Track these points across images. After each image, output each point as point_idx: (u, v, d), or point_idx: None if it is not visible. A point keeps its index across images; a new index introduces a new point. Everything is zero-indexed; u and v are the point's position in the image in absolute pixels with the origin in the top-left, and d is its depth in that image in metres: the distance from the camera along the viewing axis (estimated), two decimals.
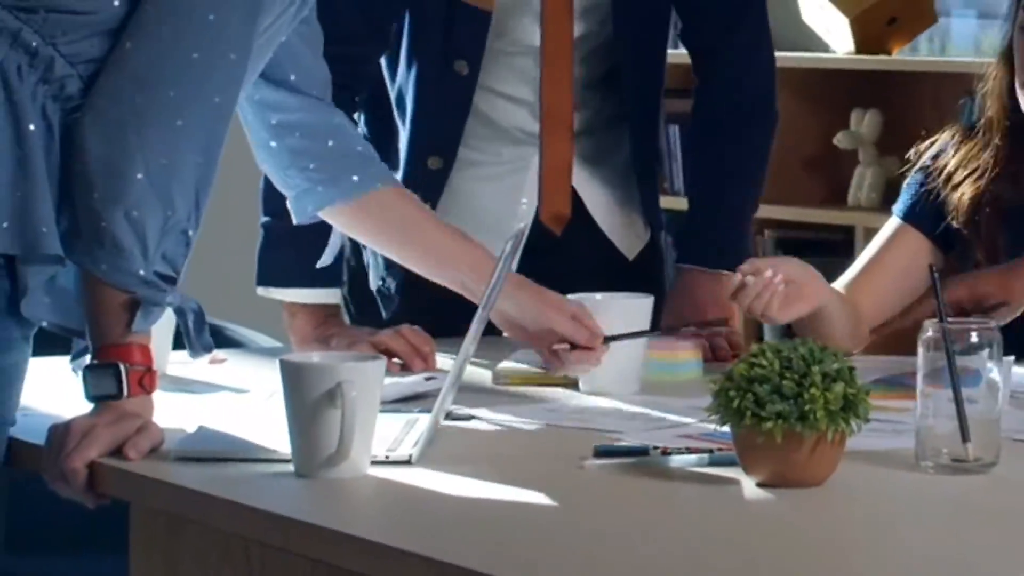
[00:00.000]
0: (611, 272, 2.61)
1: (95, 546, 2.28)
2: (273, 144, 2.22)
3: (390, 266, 2.62)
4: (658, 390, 2.33)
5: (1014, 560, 1.56)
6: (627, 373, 2.32)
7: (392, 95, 2.59)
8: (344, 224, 2.36)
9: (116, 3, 1.96)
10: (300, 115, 2.23)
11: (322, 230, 2.43)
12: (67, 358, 2.12)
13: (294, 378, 1.83)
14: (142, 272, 1.93)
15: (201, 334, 2.03)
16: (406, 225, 2.34)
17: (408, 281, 2.58)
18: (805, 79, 2.60)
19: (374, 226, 2.35)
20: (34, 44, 1.97)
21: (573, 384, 2.36)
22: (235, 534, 1.82)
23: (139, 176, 1.92)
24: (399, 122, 2.58)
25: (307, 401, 1.81)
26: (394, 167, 2.50)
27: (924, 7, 4.52)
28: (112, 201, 1.93)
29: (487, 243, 2.39)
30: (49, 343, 2.11)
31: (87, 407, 1.96)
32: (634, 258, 2.65)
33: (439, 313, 2.46)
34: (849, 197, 4.51)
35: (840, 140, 4.49)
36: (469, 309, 2.47)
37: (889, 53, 4.51)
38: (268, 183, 2.41)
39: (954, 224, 2.55)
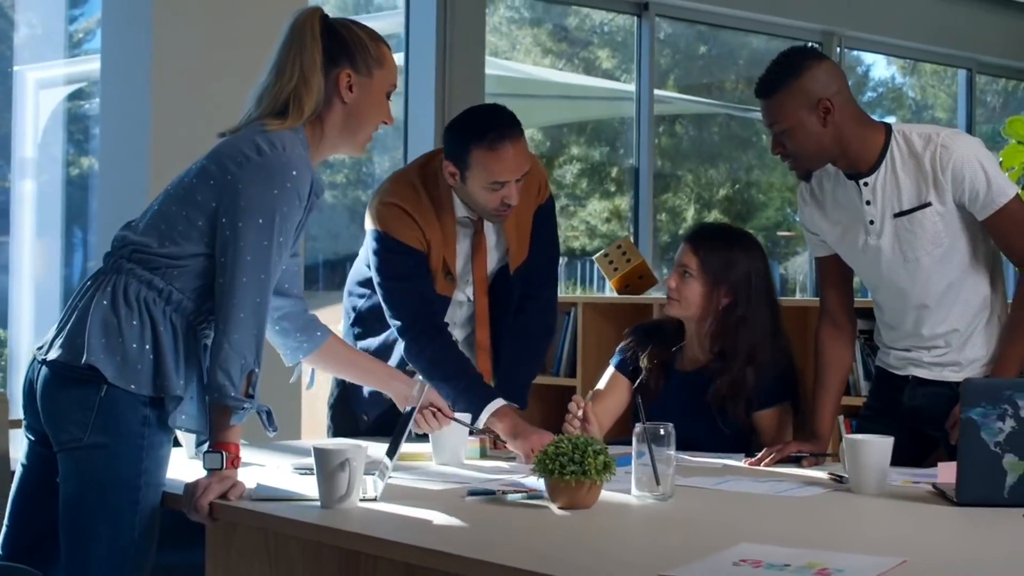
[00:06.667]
0: None
1: (195, 544, 2.78)
2: (276, 328, 2.93)
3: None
4: (469, 462, 3.20)
5: (688, 547, 2.13)
6: (459, 454, 3.16)
7: None
8: (317, 362, 3.02)
9: (203, 259, 2.63)
10: (291, 308, 2.93)
11: None
12: (181, 450, 2.75)
13: (323, 456, 2.53)
14: (233, 394, 2.59)
15: (272, 424, 2.68)
16: (350, 360, 3.14)
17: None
18: None
19: (333, 362, 3.10)
20: (160, 285, 2.63)
21: (429, 457, 3.09)
22: (283, 534, 2.45)
23: (226, 347, 2.60)
24: None
25: (330, 467, 2.52)
26: None
27: None
28: (214, 363, 2.61)
29: None
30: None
31: (201, 473, 2.64)
32: None
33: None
34: None
35: None
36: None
37: None
38: None
39: (644, 378, 3.44)
